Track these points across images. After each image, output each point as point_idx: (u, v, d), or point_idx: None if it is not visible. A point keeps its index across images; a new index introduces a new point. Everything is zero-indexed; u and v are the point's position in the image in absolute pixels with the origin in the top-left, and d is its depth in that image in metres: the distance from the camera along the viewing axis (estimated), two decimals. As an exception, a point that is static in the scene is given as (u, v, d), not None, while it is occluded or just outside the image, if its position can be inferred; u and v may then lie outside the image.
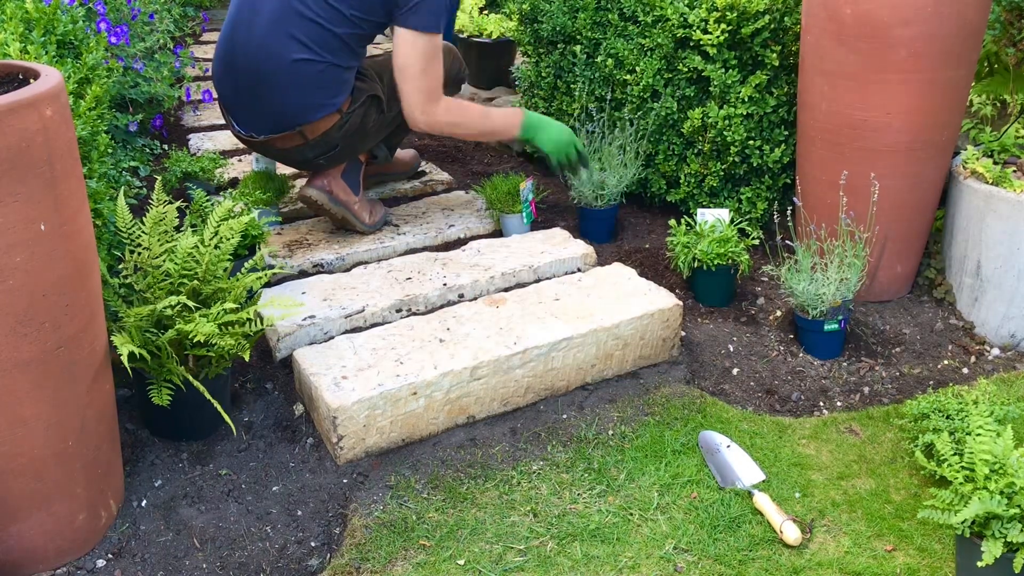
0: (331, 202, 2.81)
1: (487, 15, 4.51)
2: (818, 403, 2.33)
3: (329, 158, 2.75)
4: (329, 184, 2.81)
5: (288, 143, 2.68)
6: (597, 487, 2.00)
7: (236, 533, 1.87)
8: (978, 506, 1.59)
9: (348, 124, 2.66)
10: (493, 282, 2.62)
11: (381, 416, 2.05)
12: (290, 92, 2.58)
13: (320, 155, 2.72)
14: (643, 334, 2.37)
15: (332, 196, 2.81)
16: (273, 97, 2.60)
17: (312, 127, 2.63)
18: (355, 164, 2.87)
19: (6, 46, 2.12)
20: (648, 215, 3.25)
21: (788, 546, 1.84)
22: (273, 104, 2.61)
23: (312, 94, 2.58)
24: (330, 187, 2.81)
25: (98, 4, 2.94)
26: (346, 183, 2.85)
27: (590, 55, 3.23)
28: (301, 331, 2.33)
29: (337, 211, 2.83)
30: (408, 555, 1.81)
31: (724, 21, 2.76)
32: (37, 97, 1.48)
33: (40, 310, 1.55)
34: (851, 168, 2.53)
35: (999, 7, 2.88)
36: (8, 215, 1.47)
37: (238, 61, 2.63)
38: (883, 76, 2.42)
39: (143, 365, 1.94)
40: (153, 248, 2.00)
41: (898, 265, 2.69)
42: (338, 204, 2.82)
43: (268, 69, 2.57)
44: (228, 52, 2.66)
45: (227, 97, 2.74)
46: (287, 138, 2.66)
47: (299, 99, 2.59)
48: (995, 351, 2.53)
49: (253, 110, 2.67)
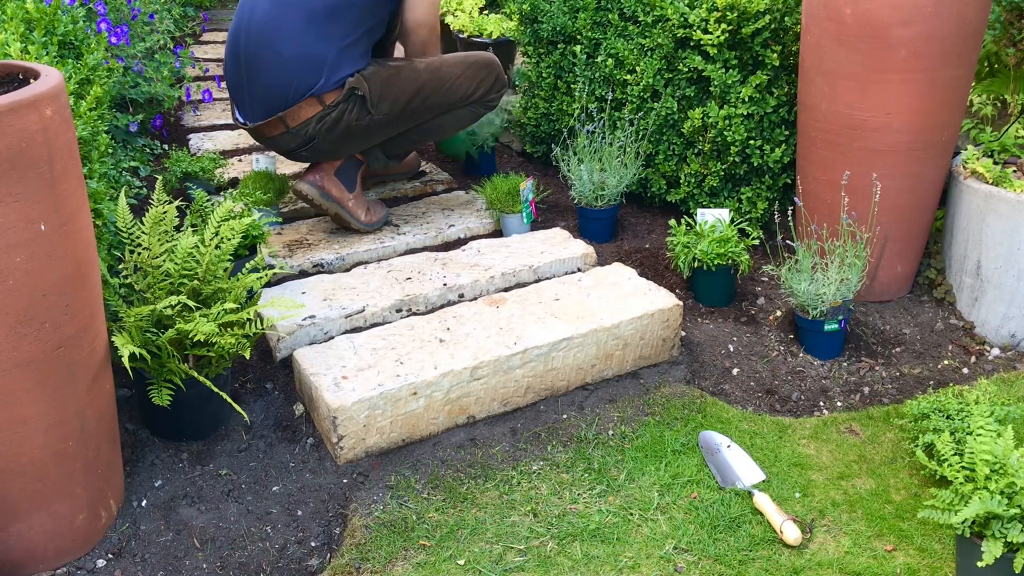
0: (322, 197, 2.81)
1: (487, 15, 4.51)
2: (818, 403, 2.33)
3: (311, 150, 2.75)
4: (322, 180, 2.82)
5: (273, 130, 2.70)
6: (597, 487, 2.00)
7: (236, 533, 1.87)
8: (978, 506, 1.59)
9: (328, 118, 2.65)
10: (493, 282, 2.62)
11: (381, 416, 2.05)
12: (274, 73, 2.61)
13: (301, 146, 2.73)
14: (643, 334, 2.37)
15: (323, 191, 2.82)
16: (261, 79, 2.64)
17: (293, 114, 2.64)
18: (352, 162, 2.87)
19: (7, 46, 2.12)
20: (648, 215, 3.25)
21: (788, 546, 1.84)
22: (260, 87, 2.65)
23: (293, 74, 2.60)
24: (322, 183, 2.81)
25: (98, 4, 2.95)
26: (340, 180, 2.84)
27: (590, 55, 3.23)
28: (301, 331, 2.33)
29: (329, 207, 2.83)
30: (408, 555, 1.81)
31: (724, 21, 2.76)
32: (37, 97, 1.48)
33: (40, 310, 1.55)
34: (851, 168, 2.53)
35: (999, 7, 2.88)
36: (8, 215, 1.47)
37: (240, 46, 2.68)
38: (883, 76, 2.42)
39: (143, 365, 1.94)
40: (153, 248, 2.00)
41: (898, 265, 2.69)
42: (330, 200, 2.82)
43: (260, 51, 2.62)
44: (234, 39, 2.72)
45: (231, 84, 2.79)
46: (271, 125, 2.69)
47: (281, 79, 2.61)
48: (995, 351, 2.53)
49: (248, 95, 2.71)
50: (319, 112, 2.63)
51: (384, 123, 2.75)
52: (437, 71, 2.79)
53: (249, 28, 2.65)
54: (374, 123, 2.72)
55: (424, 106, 2.78)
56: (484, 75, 2.88)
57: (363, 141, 2.80)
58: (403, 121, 2.79)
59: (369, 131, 2.75)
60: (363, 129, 2.72)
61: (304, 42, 2.59)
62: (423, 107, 2.78)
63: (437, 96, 2.79)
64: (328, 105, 2.63)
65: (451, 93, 2.81)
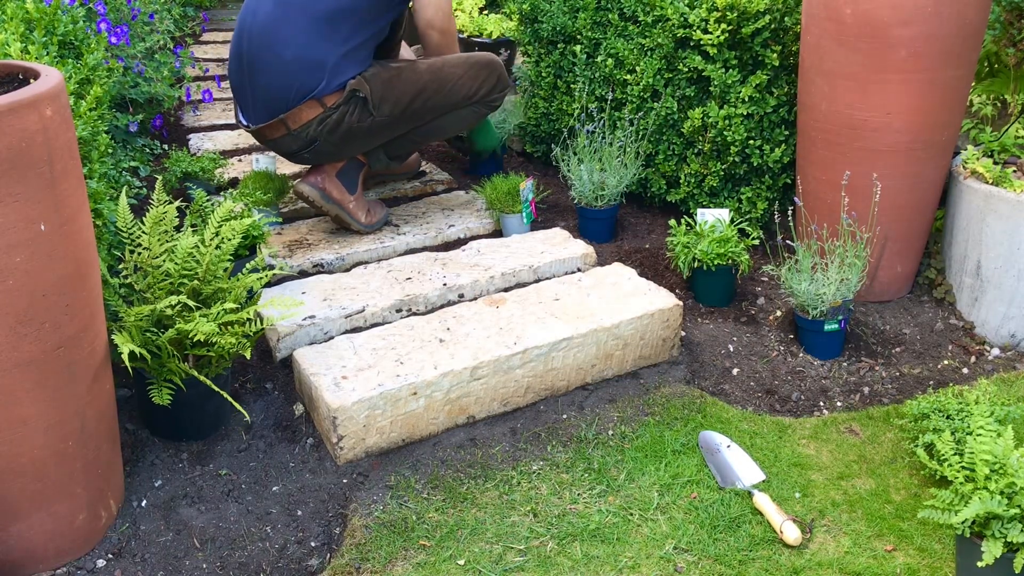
0: (323, 199, 2.81)
1: (487, 15, 4.51)
2: (818, 403, 2.33)
3: (313, 152, 2.74)
4: (323, 181, 2.81)
5: (274, 133, 2.70)
6: (597, 487, 2.00)
7: (236, 533, 1.87)
8: (978, 506, 1.59)
9: (330, 120, 2.65)
10: (493, 282, 2.62)
11: (381, 416, 2.05)
12: (274, 75, 2.61)
13: (303, 148, 2.73)
14: (643, 334, 2.37)
15: (325, 193, 2.82)
16: (261, 81, 2.64)
17: (294, 116, 2.64)
18: (354, 164, 2.87)
19: (7, 46, 2.12)
20: (648, 215, 3.25)
21: (788, 546, 1.84)
22: (261, 88, 2.65)
23: (294, 76, 2.60)
24: (323, 184, 2.81)
25: (98, 4, 2.95)
26: (341, 182, 2.84)
27: (590, 55, 3.23)
28: (301, 331, 2.33)
29: (330, 208, 2.83)
30: (408, 555, 1.81)
31: (724, 21, 2.76)
32: (37, 97, 1.48)
33: (40, 310, 1.55)
34: (851, 168, 2.53)
35: (999, 7, 2.88)
36: (8, 215, 1.47)
37: (243, 47, 2.68)
38: (883, 76, 2.42)
39: (143, 365, 1.94)
40: (153, 248, 2.00)
41: (898, 265, 2.69)
42: (331, 202, 2.82)
43: (262, 53, 2.62)
44: (237, 40, 2.73)
45: (235, 86, 2.79)
46: (273, 127, 2.69)
47: (282, 81, 2.61)
48: (995, 351, 2.53)
49: (251, 96, 2.71)
50: (320, 114, 2.63)
51: (386, 124, 2.74)
52: (439, 72, 2.79)
53: (252, 30, 2.66)
54: (376, 125, 2.72)
55: (426, 107, 2.78)
56: (486, 75, 2.87)
57: (365, 143, 2.79)
58: (405, 122, 2.78)
59: (371, 133, 2.74)
60: (365, 131, 2.71)
61: (305, 45, 2.59)
62: (425, 108, 2.78)
63: (439, 97, 2.79)
64: (329, 107, 2.62)
65: (453, 94, 2.81)
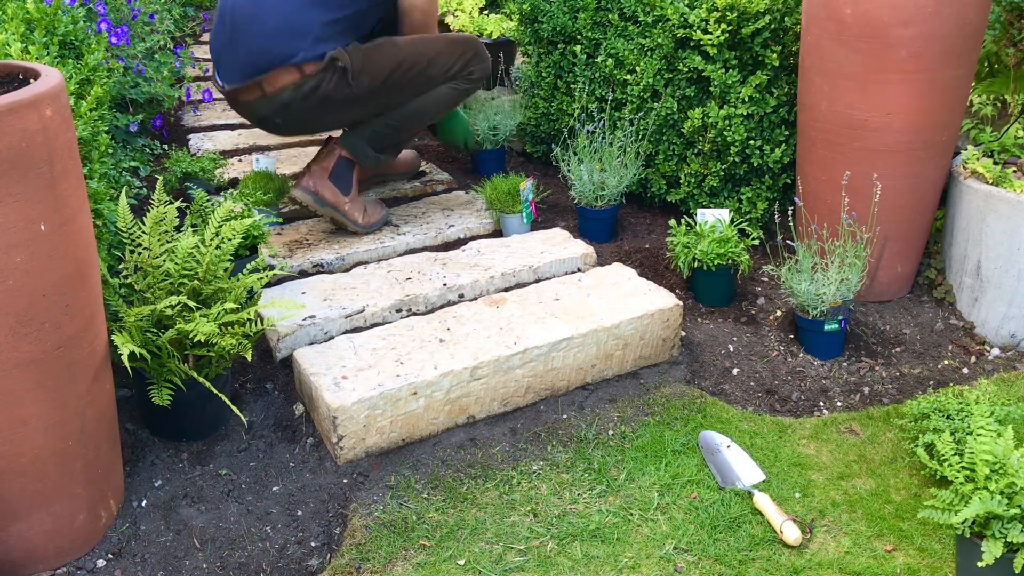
0: (317, 203, 2.82)
1: (487, 15, 4.51)
2: (818, 403, 2.33)
3: (285, 119, 2.74)
4: (315, 185, 2.82)
5: (249, 95, 2.71)
6: (597, 487, 2.00)
7: (236, 533, 1.87)
8: (978, 506, 1.59)
9: (306, 86, 2.64)
10: (493, 282, 2.62)
11: (381, 416, 2.05)
12: (256, 38, 2.62)
13: (275, 114, 2.73)
14: (643, 334, 2.37)
15: (318, 197, 2.82)
16: (243, 43, 2.65)
17: (271, 79, 2.64)
18: (344, 164, 2.86)
19: (7, 46, 2.12)
20: (648, 215, 3.25)
21: (788, 546, 1.84)
22: (243, 53, 2.66)
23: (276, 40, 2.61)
24: (316, 188, 2.82)
25: (99, 4, 2.95)
26: (334, 183, 2.84)
27: (590, 55, 3.23)
28: (301, 331, 2.33)
29: (325, 212, 2.83)
30: (408, 555, 1.81)
31: (724, 21, 2.76)
32: (37, 97, 1.48)
33: (40, 310, 1.55)
34: (851, 168, 2.53)
35: (999, 7, 2.88)
36: (8, 215, 1.47)
37: (226, 13, 2.70)
38: (883, 76, 2.42)
39: (143, 365, 1.94)
40: (153, 248, 2.00)
41: (898, 265, 2.69)
42: (325, 205, 2.82)
43: (245, 23, 2.64)
44: (222, 7, 2.74)
45: (214, 49, 2.79)
46: (249, 89, 2.69)
47: (263, 44, 2.61)
48: (995, 351, 2.53)
49: (229, 59, 2.71)
50: (298, 79, 2.63)
51: (363, 97, 2.73)
52: (418, 45, 2.79)
53: None
54: (352, 96, 2.70)
55: (405, 79, 2.76)
56: (463, 49, 2.86)
57: (339, 115, 2.78)
58: (382, 95, 2.76)
59: (346, 104, 2.72)
60: (340, 101, 2.70)
61: (291, 12, 2.61)
62: (404, 80, 2.76)
63: (417, 70, 2.77)
64: (307, 74, 2.63)
65: (432, 67, 2.79)
